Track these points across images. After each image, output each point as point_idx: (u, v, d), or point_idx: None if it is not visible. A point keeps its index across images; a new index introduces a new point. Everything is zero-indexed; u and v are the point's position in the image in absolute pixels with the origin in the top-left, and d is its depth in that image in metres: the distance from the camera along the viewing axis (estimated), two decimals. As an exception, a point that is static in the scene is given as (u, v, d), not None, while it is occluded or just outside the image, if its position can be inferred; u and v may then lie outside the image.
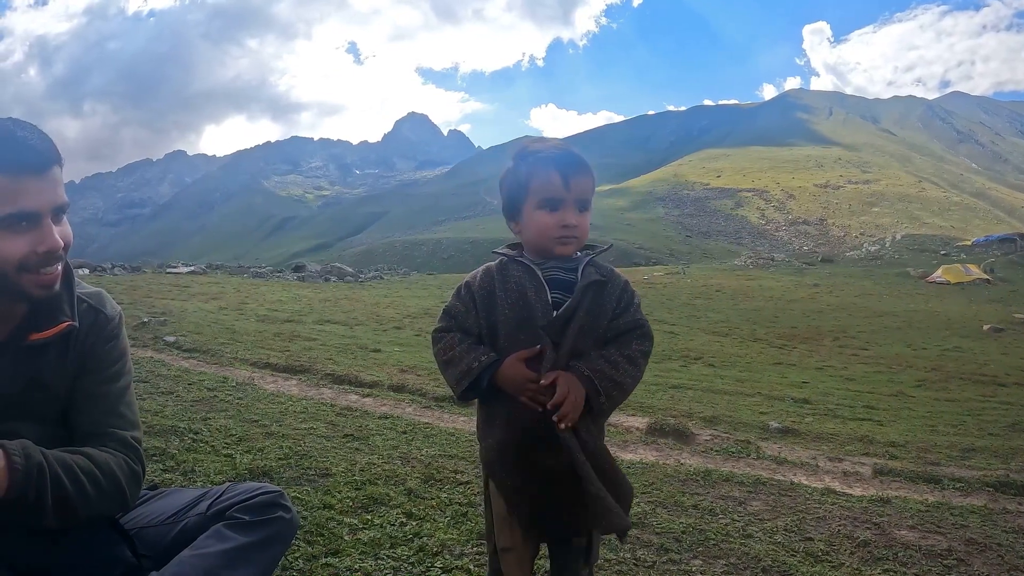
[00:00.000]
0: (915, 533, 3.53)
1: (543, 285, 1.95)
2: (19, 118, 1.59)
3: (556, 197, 1.93)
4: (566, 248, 1.96)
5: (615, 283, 2.01)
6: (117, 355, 1.79)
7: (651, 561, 2.91)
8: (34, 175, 1.51)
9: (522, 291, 1.95)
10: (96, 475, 1.57)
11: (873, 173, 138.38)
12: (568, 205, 1.94)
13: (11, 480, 1.39)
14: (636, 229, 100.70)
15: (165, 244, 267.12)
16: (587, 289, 1.94)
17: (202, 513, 1.79)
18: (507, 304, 1.97)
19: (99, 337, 1.77)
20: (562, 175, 1.94)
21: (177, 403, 5.43)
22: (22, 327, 1.66)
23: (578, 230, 1.96)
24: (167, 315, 12.40)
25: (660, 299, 26.88)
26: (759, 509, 3.79)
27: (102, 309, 1.80)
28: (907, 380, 12.73)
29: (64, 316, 1.70)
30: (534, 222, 1.97)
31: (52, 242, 1.54)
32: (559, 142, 2.05)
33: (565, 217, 1.93)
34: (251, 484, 1.89)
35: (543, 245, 1.98)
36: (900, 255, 52.47)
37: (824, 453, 5.63)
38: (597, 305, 1.96)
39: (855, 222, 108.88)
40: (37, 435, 1.54)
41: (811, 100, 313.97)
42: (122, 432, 1.71)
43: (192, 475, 3.58)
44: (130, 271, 26.31)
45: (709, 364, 13.73)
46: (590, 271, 1.98)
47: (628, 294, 2.02)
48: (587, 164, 1.98)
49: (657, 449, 5.24)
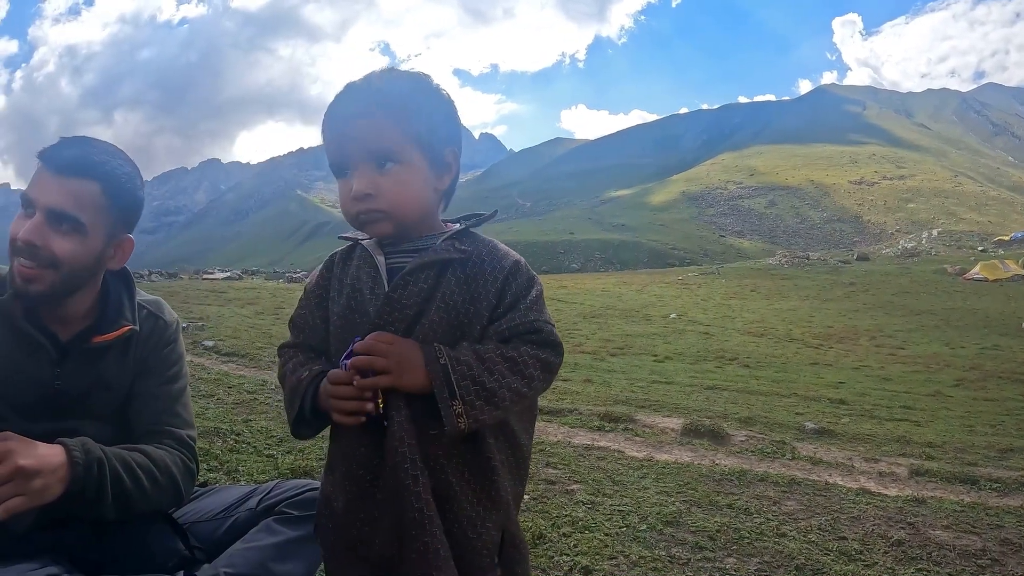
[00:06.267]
0: (950, 533, 3.51)
1: (380, 277, 1.37)
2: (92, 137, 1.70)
3: (337, 157, 1.37)
4: (374, 228, 1.37)
5: (494, 265, 1.37)
6: (175, 359, 1.87)
7: (685, 558, 2.94)
8: (50, 172, 1.59)
9: (356, 288, 1.40)
10: (152, 471, 1.64)
11: (908, 168, 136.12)
12: (354, 166, 1.34)
13: (72, 474, 1.45)
14: (669, 230, 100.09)
15: (201, 250, 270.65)
16: (425, 271, 1.35)
17: (252, 509, 1.86)
18: (338, 305, 1.43)
19: (158, 342, 1.84)
20: (334, 123, 1.36)
21: (218, 405, 5.55)
22: (86, 330, 1.73)
23: (378, 200, 1.33)
24: (205, 320, 12.64)
25: (695, 300, 26.80)
26: (793, 509, 3.80)
27: (161, 315, 1.87)
28: (945, 380, 12.58)
29: (126, 321, 1.76)
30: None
31: (23, 232, 1.58)
32: (369, 74, 1.39)
33: (353, 183, 1.34)
34: (299, 481, 1.96)
35: (355, 226, 1.43)
36: (937, 251, 51.75)
37: (860, 454, 5.60)
38: (461, 296, 1.34)
39: (891, 219, 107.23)
40: (97, 432, 1.62)
41: (844, 95, 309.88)
42: (178, 431, 1.79)
43: (236, 474, 3.66)
44: (167, 277, 26.79)
45: (744, 365, 13.67)
46: (445, 245, 1.38)
47: (519, 283, 1.36)
48: (378, 96, 1.34)
49: (692, 450, 5.25)
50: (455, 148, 1.42)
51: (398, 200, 1.33)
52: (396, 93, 1.34)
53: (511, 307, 1.34)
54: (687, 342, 16.69)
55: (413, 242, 1.41)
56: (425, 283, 1.33)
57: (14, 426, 1.53)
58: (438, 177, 1.41)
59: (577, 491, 3.84)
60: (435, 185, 1.41)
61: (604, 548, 2.97)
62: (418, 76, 1.41)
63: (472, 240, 1.42)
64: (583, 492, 3.82)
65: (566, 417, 6.05)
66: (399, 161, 1.33)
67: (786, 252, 64.55)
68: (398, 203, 1.33)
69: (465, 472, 1.31)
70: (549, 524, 3.22)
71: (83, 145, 1.64)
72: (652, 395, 8.47)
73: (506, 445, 1.37)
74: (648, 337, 17.34)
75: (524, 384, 1.28)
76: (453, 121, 1.42)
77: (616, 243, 78.34)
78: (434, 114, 1.38)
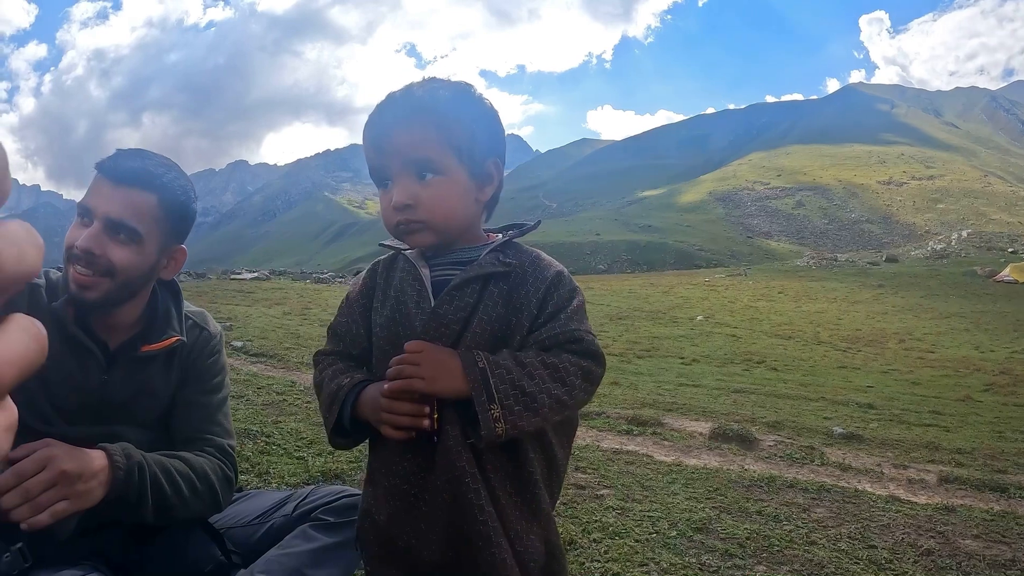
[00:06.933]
0: (979, 542, 3.48)
1: (426, 290, 1.37)
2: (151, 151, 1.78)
3: (376, 167, 1.36)
4: (414, 238, 1.36)
5: (537, 276, 1.36)
6: (217, 369, 1.92)
7: (715, 566, 2.94)
8: (109, 182, 1.64)
9: (401, 300, 1.39)
10: (191, 477, 1.68)
11: (937, 168, 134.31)
12: (394, 176, 1.34)
13: (113, 478, 1.49)
14: (696, 231, 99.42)
15: (229, 251, 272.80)
16: (470, 285, 1.34)
17: (288, 514, 1.90)
18: (382, 316, 1.42)
19: (201, 352, 1.89)
20: (374, 133, 1.35)
21: (248, 407, 5.60)
22: (134, 338, 1.78)
23: (418, 211, 1.33)
24: (233, 320, 12.75)
25: (722, 302, 26.60)
26: (823, 516, 3.78)
27: (205, 327, 1.93)
28: (975, 384, 12.37)
29: (173, 331, 1.82)
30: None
31: (81, 240, 1.62)
32: (411, 83, 1.38)
33: (394, 194, 1.33)
34: (334, 487, 2.00)
35: (395, 236, 1.42)
36: (966, 253, 50.91)
37: (889, 460, 5.55)
38: (504, 308, 1.34)
39: (920, 219, 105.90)
40: (139, 439, 1.66)
41: (872, 94, 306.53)
42: (218, 439, 1.83)
43: (267, 476, 3.70)
44: (195, 277, 26.97)
45: (772, 368, 13.54)
46: (490, 259, 1.37)
47: (561, 294, 1.35)
48: (419, 106, 1.32)
49: (721, 454, 5.23)
50: (498, 159, 1.41)
51: (438, 211, 1.32)
52: (436, 103, 1.32)
53: (552, 317, 1.32)
54: (714, 344, 16.58)
55: (456, 253, 1.40)
56: (470, 297, 1.33)
57: (57, 429, 1.59)
58: (479, 188, 1.40)
59: (607, 496, 3.85)
60: (476, 196, 1.40)
61: (635, 555, 2.98)
62: (460, 86, 1.39)
63: (516, 252, 1.41)
64: (613, 497, 3.82)
65: (594, 420, 6.04)
66: (439, 172, 1.32)
67: (814, 253, 63.95)
68: (438, 213, 1.33)
69: (508, 485, 1.32)
70: (580, 530, 3.23)
71: (141, 157, 1.71)
72: (680, 398, 8.43)
73: (543, 458, 1.37)
74: (675, 339, 17.24)
75: (565, 392, 1.26)
76: (496, 131, 1.41)
77: (643, 244, 77.96)
78: (475, 124, 1.36)
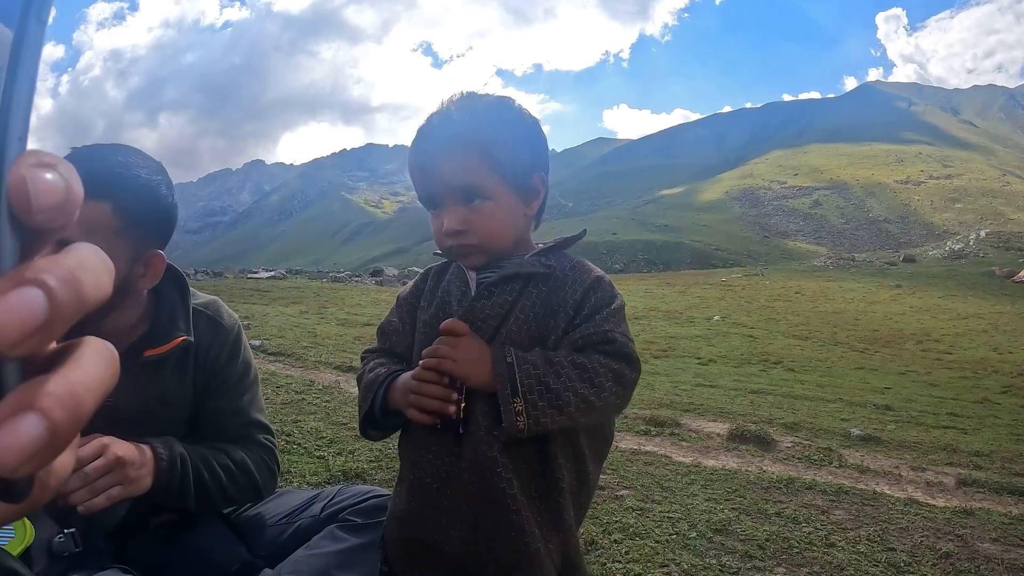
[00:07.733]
0: (998, 546, 3.47)
1: (470, 291, 1.40)
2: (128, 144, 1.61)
3: (425, 193, 1.37)
4: (467, 260, 1.38)
5: (576, 278, 1.35)
6: (243, 370, 1.85)
7: (735, 568, 2.95)
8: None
9: (445, 300, 1.43)
10: (232, 469, 1.71)
11: (955, 167, 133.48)
12: (443, 202, 1.35)
13: (157, 470, 1.53)
14: (712, 231, 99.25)
15: (245, 250, 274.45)
16: (510, 283, 1.36)
17: (315, 515, 1.88)
18: (427, 314, 1.45)
19: (220, 353, 1.79)
20: (419, 161, 1.37)
21: (267, 405, 5.59)
22: (137, 343, 1.67)
23: (469, 235, 1.34)
24: (250, 319, 12.81)
25: (738, 302, 26.49)
26: (842, 518, 3.78)
27: (220, 320, 1.82)
28: (993, 386, 12.30)
29: (179, 331, 1.70)
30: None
31: None
32: (449, 104, 1.38)
33: (444, 220, 1.34)
34: (362, 487, 1.99)
35: (449, 259, 1.47)
36: (985, 253, 50.41)
37: (907, 462, 5.52)
38: (542, 309, 1.34)
39: (938, 219, 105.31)
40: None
41: (890, 92, 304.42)
42: (258, 436, 1.84)
43: (288, 476, 3.73)
44: (212, 276, 27.17)
45: (789, 368, 13.49)
46: (532, 260, 1.39)
47: (599, 296, 1.34)
48: (459, 132, 1.32)
49: (739, 456, 5.23)
50: (542, 172, 1.42)
51: (489, 233, 1.34)
52: (477, 128, 1.32)
53: (588, 318, 1.31)
54: (731, 345, 16.52)
55: (505, 262, 1.40)
56: (509, 295, 1.35)
57: None
58: (527, 203, 1.40)
59: (626, 497, 3.86)
60: (524, 211, 1.41)
61: (655, 555, 2.99)
62: (499, 104, 1.39)
63: (559, 257, 1.42)
64: (632, 498, 3.83)
65: (611, 420, 6.04)
66: (486, 196, 1.32)
67: (831, 253, 63.56)
68: (489, 236, 1.34)
69: (532, 488, 1.31)
70: (600, 530, 3.24)
71: (89, 160, 1.47)
72: (697, 399, 8.42)
73: (573, 467, 1.36)
74: (692, 339, 17.19)
75: (593, 392, 1.23)
76: (538, 145, 1.41)
77: (659, 244, 77.91)
78: (517, 143, 1.37)
